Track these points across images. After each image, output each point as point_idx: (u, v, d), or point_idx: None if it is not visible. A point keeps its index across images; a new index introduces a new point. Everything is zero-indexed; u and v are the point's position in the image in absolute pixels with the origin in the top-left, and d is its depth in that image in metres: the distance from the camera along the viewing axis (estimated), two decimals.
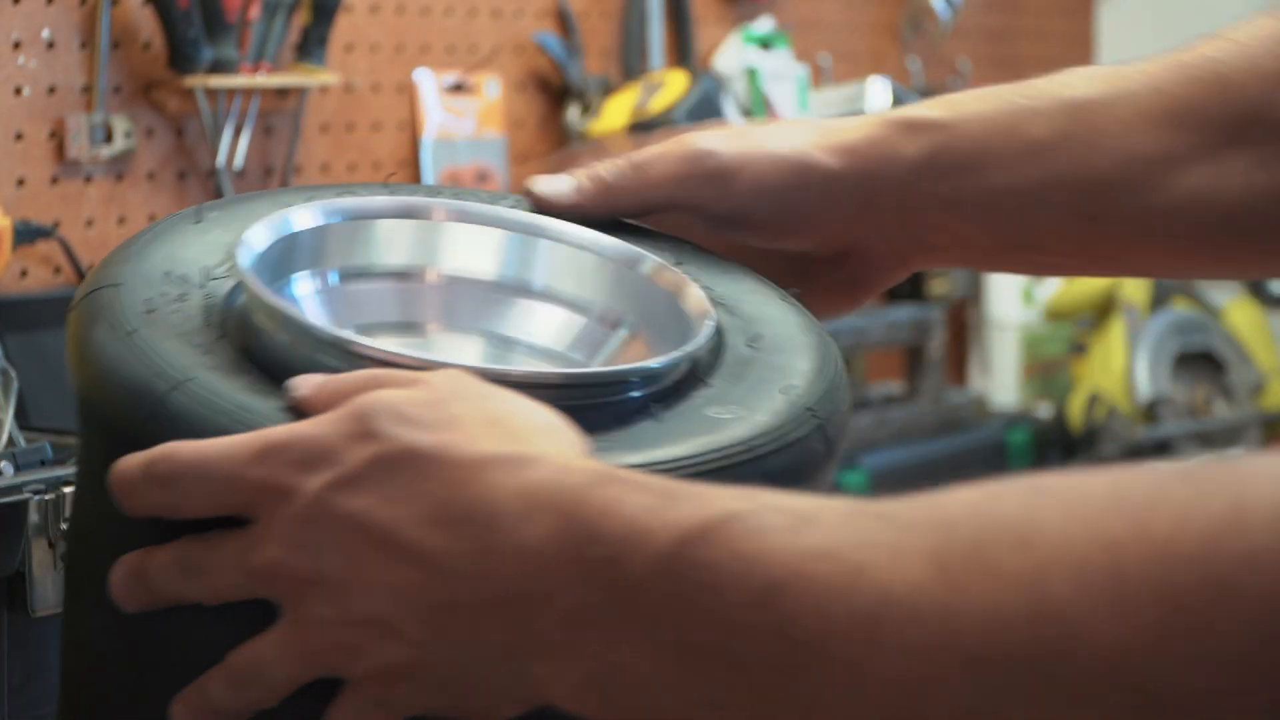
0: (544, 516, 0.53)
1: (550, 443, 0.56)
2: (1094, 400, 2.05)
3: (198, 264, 0.66)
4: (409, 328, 0.72)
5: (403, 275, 0.72)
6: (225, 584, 0.58)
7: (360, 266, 0.71)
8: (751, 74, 1.90)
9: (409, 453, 0.55)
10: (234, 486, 0.57)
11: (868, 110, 1.98)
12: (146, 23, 1.40)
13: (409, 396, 0.57)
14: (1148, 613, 0.43)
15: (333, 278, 0.70)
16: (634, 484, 0.53)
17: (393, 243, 0.71)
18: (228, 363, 0.62)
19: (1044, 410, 2.12)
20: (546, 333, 0.71)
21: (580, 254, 0.71)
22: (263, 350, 0.62)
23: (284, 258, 0.67)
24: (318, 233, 0.69)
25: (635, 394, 0.62)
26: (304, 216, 0.68)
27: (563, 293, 0.72)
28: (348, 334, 0.62)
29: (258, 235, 0.65)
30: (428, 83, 1.66)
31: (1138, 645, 0.44)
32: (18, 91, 1.32)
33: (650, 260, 0.70)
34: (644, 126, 1.69)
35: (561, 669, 0.53)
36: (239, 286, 0.64)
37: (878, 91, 2.00)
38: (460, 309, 0.72)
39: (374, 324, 0.70)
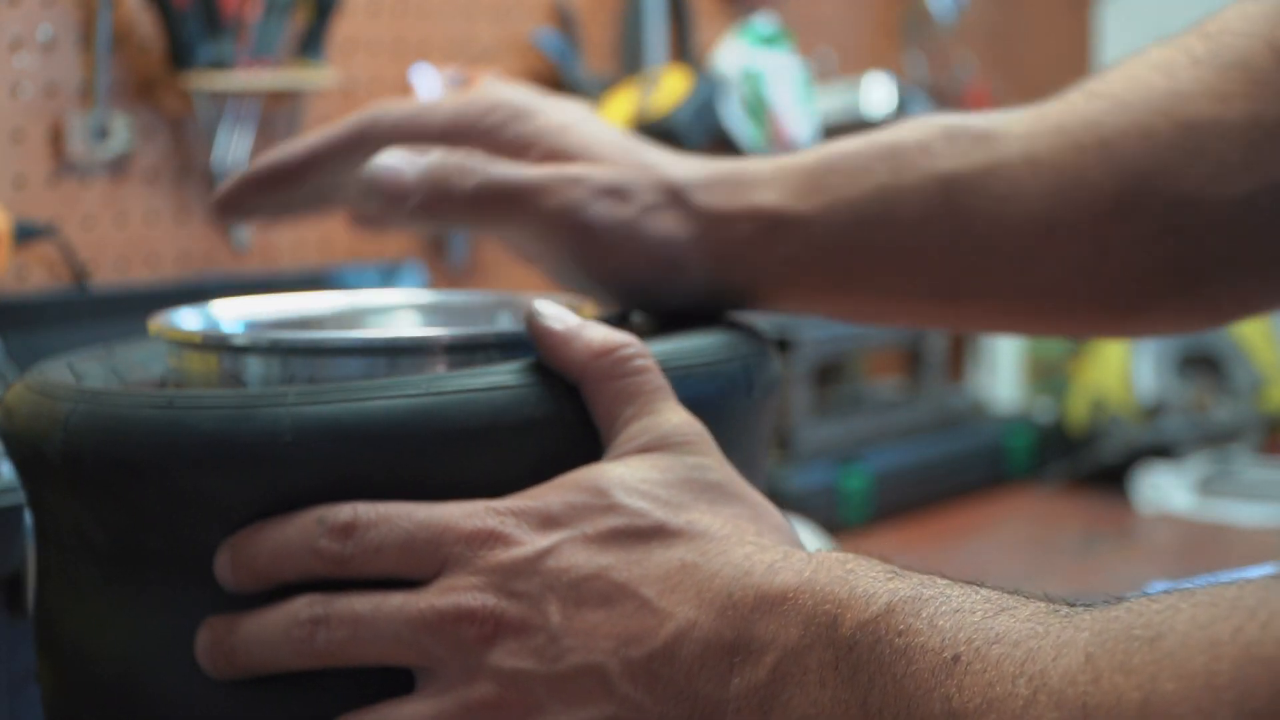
0: (787, 575, 0.55)
1: (786, 541, 0.59)
2: (1095, 402, 2.05)
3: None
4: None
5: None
6: (374, 641, 0.56)
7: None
8: (755, 77, 1.90)
9: (659, 527, 0.58)
10: (438, 538, 0.56)
11: (863, 107, 1.99)
12: (145, 22, 1.40)
13: (643, 476, 0.59)
14: (1224, 713, 0.44)
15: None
16: (871, 562, 0.56)
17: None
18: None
19: (1044, 411, 2.12)
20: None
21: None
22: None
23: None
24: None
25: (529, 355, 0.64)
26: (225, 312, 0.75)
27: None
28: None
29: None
30: (427, 81, 1.66)
31: None
32: (15, 91, 1.32)
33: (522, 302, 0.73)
34: (647, 128, 1.69)
35: None
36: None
37: (876, 88, 2.00)
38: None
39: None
